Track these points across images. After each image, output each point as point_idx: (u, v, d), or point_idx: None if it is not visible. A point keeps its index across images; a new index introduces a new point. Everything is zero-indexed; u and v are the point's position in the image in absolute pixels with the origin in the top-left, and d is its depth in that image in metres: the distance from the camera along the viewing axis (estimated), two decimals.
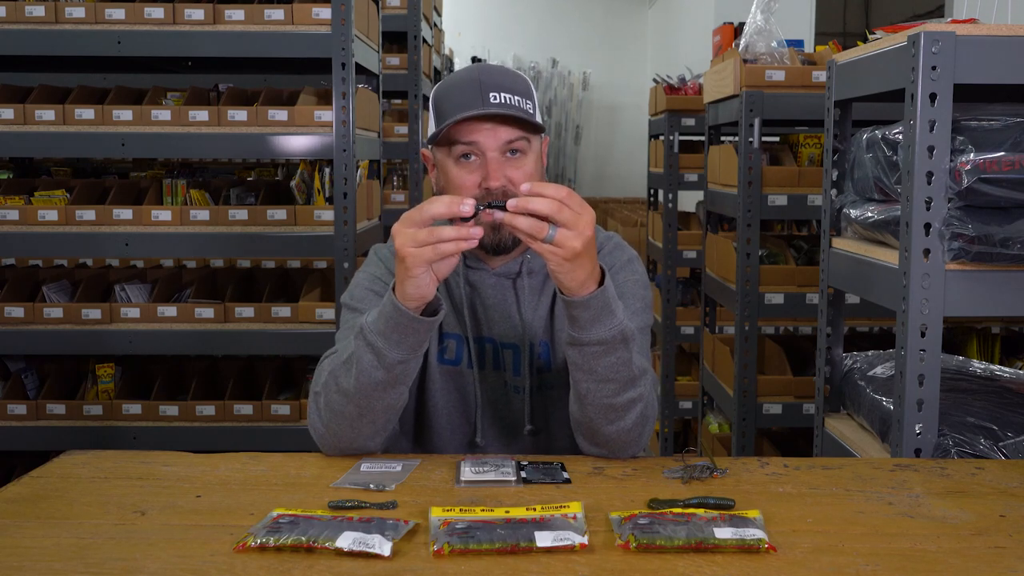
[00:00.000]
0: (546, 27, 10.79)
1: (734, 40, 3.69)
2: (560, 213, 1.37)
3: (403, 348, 1.47)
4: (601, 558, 1.17)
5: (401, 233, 1.40)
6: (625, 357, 1.49)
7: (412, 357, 1.49)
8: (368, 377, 1.48)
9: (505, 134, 1.58)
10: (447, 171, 1.61)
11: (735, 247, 3.37)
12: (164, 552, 1.19)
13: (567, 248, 1.37)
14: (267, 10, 3.05)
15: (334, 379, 1.53)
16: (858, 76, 2.15)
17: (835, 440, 2.23)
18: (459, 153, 1.59)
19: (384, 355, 1.47)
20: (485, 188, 1.57)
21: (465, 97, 1.57)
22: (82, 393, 3.39)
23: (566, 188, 1.39)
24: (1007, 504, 1.38)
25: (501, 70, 1.64)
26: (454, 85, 1.62)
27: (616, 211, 7.92)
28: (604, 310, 1.45)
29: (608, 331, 1.46)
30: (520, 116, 1.57)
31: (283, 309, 3.17)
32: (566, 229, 1.37)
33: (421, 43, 4.58)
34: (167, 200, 3.29)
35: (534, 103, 1.63)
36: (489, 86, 1.57)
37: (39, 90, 3.25)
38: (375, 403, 1.51)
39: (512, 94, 1.58)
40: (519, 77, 1.64)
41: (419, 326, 1.46)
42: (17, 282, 3.32)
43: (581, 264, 1.40)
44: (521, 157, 1.60)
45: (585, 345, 1.47)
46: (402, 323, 1.45)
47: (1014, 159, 1.73)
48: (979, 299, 1.81)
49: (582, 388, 1.52)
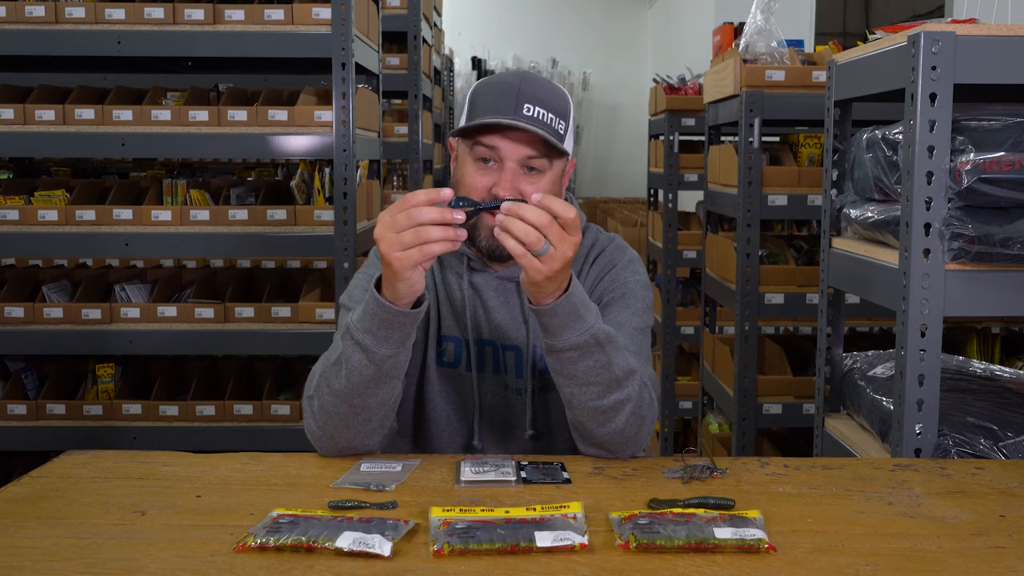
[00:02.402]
0: (546, 27, 10.80)
1: (734, 40, 3.69)
2: (550, 228, 1.36)
3: (391, 343, 1.46)
4: (601, 558, 1.17)
5: (385, 239, 1.37)
6: (602, 360, 1.48)
7: (401, 350, 1.48)
8: (359, 375, 1.48)
9: (527, 149, 1.56)
10: (464, 167, 1.61)
11: (735, 247, 3.37)
12: (164, 552, 1.19)
13: (549, 266, 1.37)
14: (267, 10, 3.05)
15: (325, 381, 1.53)
16: (858, 76, 2.15)
17: (835, 440, 2.23)
18: (479, 155, 1.58)
19: (373, 351, 1.46)
20: (494, 196, 1.56)
21: (500, 100, 1.56)
22: (82, 393, 3.39)
23: (574, 210, 1.38)
24: (1007, 504, 1.38)
25: (543, 83, 1.61)
26: (494, 85, 1.61)
27: (616, 211, 7.91)
28: (572, 316, 1.44)
29: (579, 336, 1.45)
30: (546, 136, 1.55)
31: (283, 309, 3.17)
32: (553, 247, 1.36)
33: (421, 43, 4.59)
34: (167, 200, 3.29)
35: (568, 124, 1.61)
36: (526, 96, 1.56)
37: (39, 90, 3.25)
38: (368, 400, 1.50)
39: (547, 110, 1.57)
40: (560, 94, 1.62)
41: (405, 319, 1.45)
42: (17, 282, 3.32)
43: (554, 281, 1.40)
44: (538, 175, 1.58)
45: (560, 351, 1.47)
46: (388, 318, 1.44)
47: (1014, 159, 1.73)
48: (979, 299, 1.81)
49: (566, 393, 1.52)
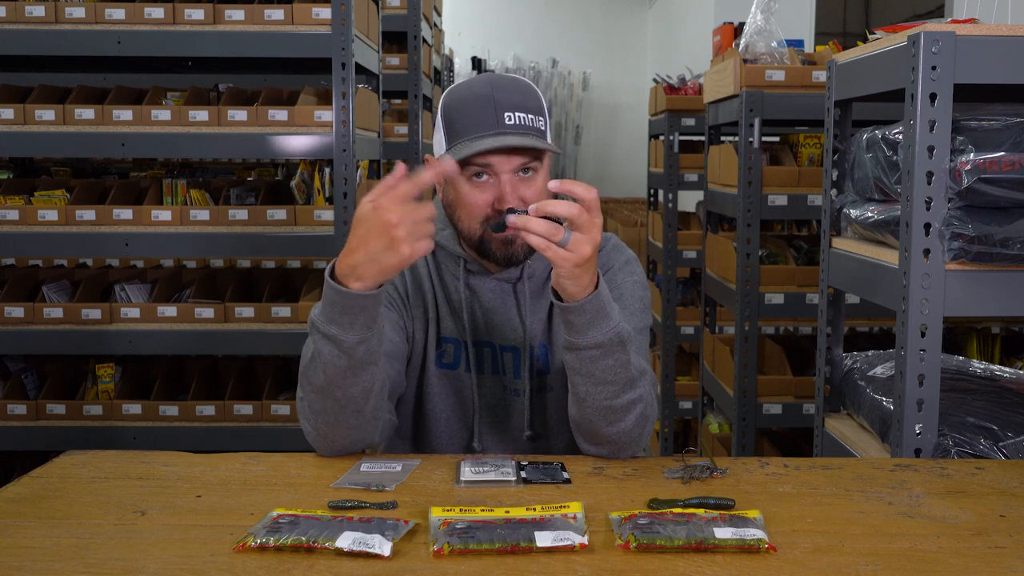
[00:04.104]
0: (546, 27, 10.79)
1: (734, 40, 3.69)
2: (580, 217, 1.36)
3: (357, 328, 1.43)
4: (601, 558, 1.17)
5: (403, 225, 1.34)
6: (623, 359, 1.48)
7: (370, 335, 1.45)
8: (333, 367, 1.45)
9: (519, 158, 1.56)
10: (458, 188, 1.60)
11: (735, 247, 3.37)
12: (164, 552, 1.19)
13: (579, 253, 1.37)
14: (267, 10, 3.05)
15: (307, 380, 1.51)
16: (858, 76, 2.15)
17: (835, 440, 2.23)
18: (471, 173, 1.58)
19: (341, 340, 1.43)
20: (497, 210, 1.56)
21: (479, 116, 1.55)
22: (82, 393, 3.39)
23: (595, 190, 1.38)
24: (1007, 504, 1.38)
25: (513, 84, 1.61)
26: (466, 99, 1.59)
27: (616, 211, 7.91)
28: (599, 314, 1.44)
29: (604, 334, 1.45)
30: (535, 145, 1.55)
31: (283, 309, 3.17)
32: (579, 233, 1.36)
33: (421, 43, 4.58)
34: (167, 200, 3.29)
35: (545, 117, 1.61)
36: (503, 105, 1.56)
37: (39, 90, 3.25)
38: (350, 390, 1.48)
39: (526, 112, 1.57)
40: (530, 91, 1.62)
41: (366, 302, 1.41)
42: (17, 282, 3.31)
43: (588, 268, 1.40)
44: (533, 175, 1.58)
45: (582, 349, 1.46)
46: (349, 304, 1.41)
47: (1014, 159, 1.73)
48: (979, 299, 1.81)
49: (581, 391, 1.51)
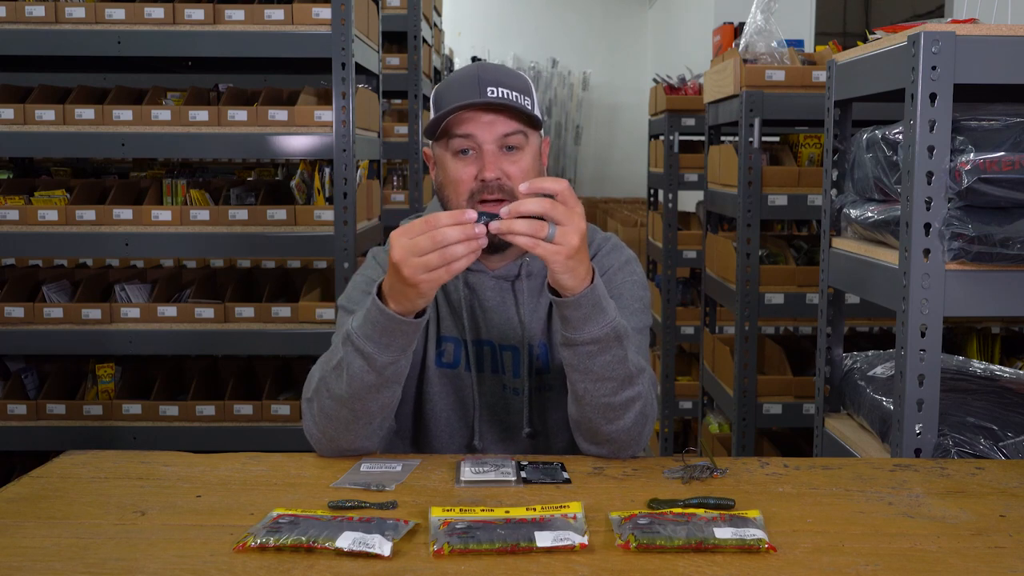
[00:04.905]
0: (546, 27, 10.79)
1: (734, 40, 3.69)
2: (554, 210, 1.36)
3: (392, 350, 1.46)
4: (601, 558, 1.17)
5: (408, 263, 1.35)
6: (620, 355, 1.48)
7: (402, 357, 1.48)
8: (360, 381, 1.48)
9: (502, 127, 1.57)
10: (445, 165, 1.61)
11: (735, 247, 3.37)
12: (164, 552, 1.19)
13: (567, 244, 1.37)
14: (267, 10, 3.05)
15: (325, 385, 1.52)
16: (858, 76, 2.15)
17: (835, 440, 2.23)
18: (456, 147, 1.59)
19: (374, 359, 1.46)
20: (481, 180, 1.56)
21: (463, 91, 1.58)
22: (82, 393, 3.39)
23: (564, 181, 1.39)
24: (1007, 504, 1.38)
25: (500, 67, 1.64)
26: (453, 80, 1.63)
27: (616, 211, 7.91)
28: (595, 308, 1.44)
29: (601, 329, 1.45)
30: (516, 107, 1.56)
31: (283, 309, 3.17)
32: (561, 226, 1.37)
33: (421, 43, 4.58)
34: (167, 200, 3.29)
35: (533, 100, 1.63)
36: (487, 81, 1.57)
37: (39, 90, 3.25)
38: (369, 405, 1.50)
39: (511, 90, 1.58)
40: (519, 75, 1.65)
41: (408, 328, 1.45)
42: (17, 282, 3.32)
43: (581, 260, 1.40)
44: (518, 152, 1.59)
45: (579, 345, 1.46)
46: (390, 327, 1.44)
47: (1014, 159, 1.73)
48: (979, 299, 1.81)
49: (579, 388, 1.51)
